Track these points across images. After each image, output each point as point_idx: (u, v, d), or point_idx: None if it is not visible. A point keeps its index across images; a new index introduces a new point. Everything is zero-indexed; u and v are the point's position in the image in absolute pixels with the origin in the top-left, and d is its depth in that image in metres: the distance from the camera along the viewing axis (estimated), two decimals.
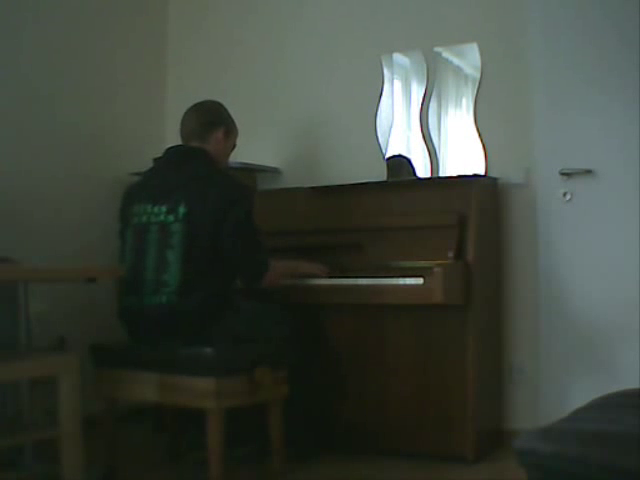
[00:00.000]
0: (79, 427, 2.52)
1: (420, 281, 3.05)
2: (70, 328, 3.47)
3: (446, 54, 3.73)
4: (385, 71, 3.85)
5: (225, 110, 3.25)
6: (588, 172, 3.36)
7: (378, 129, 3.83)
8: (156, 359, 2.93)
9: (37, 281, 3.01)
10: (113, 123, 4.10)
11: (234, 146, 3.28)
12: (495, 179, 3.53)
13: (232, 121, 3.26)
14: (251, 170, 3.95)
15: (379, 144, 3.82)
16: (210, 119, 3.17)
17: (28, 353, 2.87)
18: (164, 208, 2.97)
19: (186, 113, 3.22)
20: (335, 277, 3.26)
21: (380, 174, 3.76)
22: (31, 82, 3.67)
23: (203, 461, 2.87)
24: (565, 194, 3.41)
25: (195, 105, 3.24)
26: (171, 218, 2.95)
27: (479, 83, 3.62)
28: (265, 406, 3.03)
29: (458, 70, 3.74)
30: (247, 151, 3.99)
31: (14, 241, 3.34)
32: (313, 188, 3.67)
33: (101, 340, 3.17)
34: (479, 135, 3.61)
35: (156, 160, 3.19)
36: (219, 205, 2.93)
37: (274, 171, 4.03)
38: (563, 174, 3.40)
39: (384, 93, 3.84)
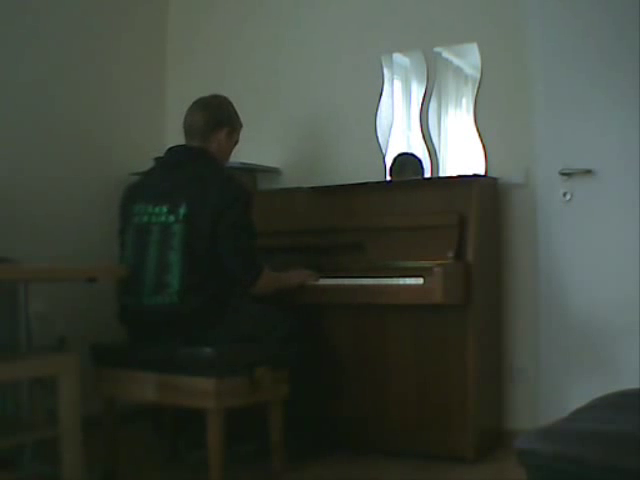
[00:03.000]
0: (79, 427, 2.52)
1: (420, 281, 3.05)
2: (70, 328, 3.47)
3: (446, 54, 3.73)
4: (385, 71, 3.85)
5: (231, 106, 3.23)
6: (588, 172, 3.36)
7: (378, 129, 3.83)
8: (156, 359, 2.93)
9: (37, 281, 3.01)
10: (113, 123, 4.10)
11: (237, 141, 3.27)
12: (495, 179, 3.53)
13: (237, 118, 3.24)
14: (251, 170, 3.95)
15: (379, 144, 3.82)
16: (215, 119, 3.15)
17: (28, 353, 2.87)
18: (165, 209, 2.97)
19: (192, 108, 3.18)
20: (335, 277, 3.26)
21: (380, 174, 3.77)
22: (31, 82, 3.67)
23: (203, 461, 2.87)
24: (565, 194, 3.41)
25: (202, 101, 3.20)
26: (172, 219, 2.95)
27: (479, 83, 3.62)
28: (265, 406, 3.03)
29: (458, 70, 3.74)
30: (247, 151, 3.99)
31: (14, 241, 3.34)
32: (313, 188, 3.67)
33: (101, 340, 3.17)
34: (479, 135, 3.61)
35: (157, 160, 3.19)
36: (217, 206, 2.93)
37: (274, 171, 4.03)
38: (563, 174, 3.40)
39: (384, 93, 3.84)
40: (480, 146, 3.60)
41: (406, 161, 3.80)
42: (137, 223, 3.04)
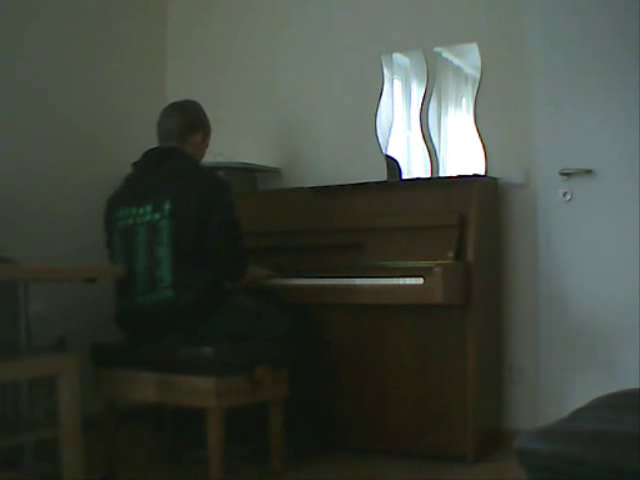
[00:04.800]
0: (79, 427, 2.52)
1: (420, 281, 3.04)
2: (70, 328, 3.47)
3: (446, 54, 3.73)
4: (385, 71, 3.85)
5: (203, 112, 3.28)
6: (588, 172, 3.36)
7: (378, 129, 3.83)
8: (156, 359, 2.93)
9: (37, 281, 3.01)
10: (113, 123, 4.10)
11: (207, 145, 3.31)
12: (495, 179, 3.53)
13: (209, 123, 3.29)
14: (251, 170, 3.95)
15: (379, 144, 3.82)
16: (191, 122, 3.20)
17: (28, 353, 2.87)
18: (149, 208, 3.00)
19: (165, 113, 3.23)
20: (335, 277, 3.26)
21: (380, 174, 3.77)
22: (31, 83, 3.67)
23: (203, 461, 2.87)
24: (565, 194, 3.41)
25: (175, 105, 3.26)
26: (157, 216, 2.97)
27: (479, 83, 3.62)
28: (265, 405, 3.03)
29: (458, 70, 3.74)
30: (247, 151, 3.99)
31: (14, 241, 3.34)
32: (313, 188, 3.66)
33: (101, 340, 3.17)
34: (479, 135, 3.61)
35: (135, 164, 3.21)
36: (201, 201, 2.96)
37: (274, 171, 4.03)
38: (563, 174, 3.40)
39: (384, 93, 3.84)
40: (480, 146, 3.60)
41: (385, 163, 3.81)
42: (122, 227, 3.06)
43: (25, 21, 3.66)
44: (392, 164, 3.81)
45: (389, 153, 3.82)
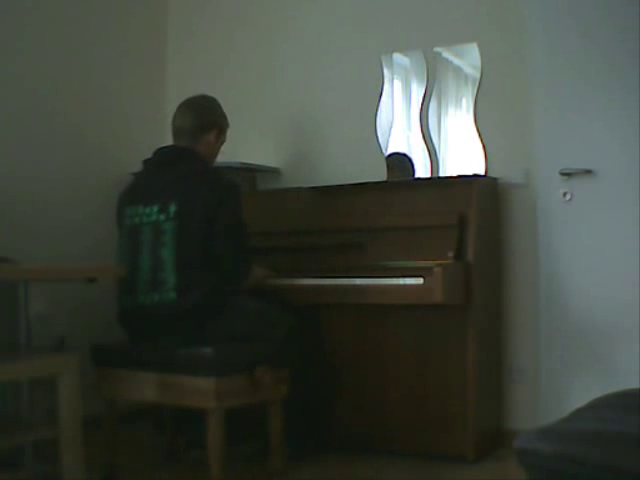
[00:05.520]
0: (79, 427, 2.52)
1: (420, 281, 3.04)
2: (70, 328, 3.47)
3: (446, 54, 3.73)
4: (385, 71, 3.85)
5: (219, 108, 3.26)
6: (588, 172, 3.36)
7: (378, 129, 3.83)
8: (156, 359, 2.93)
9: (37, 281, 3.01)
10: (113, 123, 4.09)
11: (224, 141, 3.29)
12: (495, 179, 3.53)
13: (225, 119, 3.27)
14: (251, 170, 3.95)
15: (379, 144, 3.82)
16: (205, 121, 3.17)
17: (28, 353, 2.87)
18: (156, 208, 2.99)
19: (179, 110, 3.21)
20: (336, 277, 3.26)
21: (380, 174, 3.77)
22: (31, 84, 3.67)
23: (203, 461, 2.87)
24: (565, 194, 3.41)
25: (189, 103, 3.23)
26: (163, 217, 2.96)
27: (479, 83, 3.62)
28: (265, 406, 3.03)
29: (458, 70, 3.74)
30: (247, 151, 3.99)
31: (14, 241, 3.34)
32: (313, 188, 3.67)
33: (101, 340, 3.17)
34: (479, 135, 3.61)
35: (145, 161, 3.21)
36: (209, 203, 2.95)
37: (274, 171, 4.03)
38: (563, 174, 3.40)
39: (384, 93, 3.84)
40: (480, 146, 3.60)
41: (398, 161, 3.80)
42: (129, 225, 3.06)
43: (25, 22, 3.66)
44: (405, 161, 3.79)
45: (399, 150, 3.81)
